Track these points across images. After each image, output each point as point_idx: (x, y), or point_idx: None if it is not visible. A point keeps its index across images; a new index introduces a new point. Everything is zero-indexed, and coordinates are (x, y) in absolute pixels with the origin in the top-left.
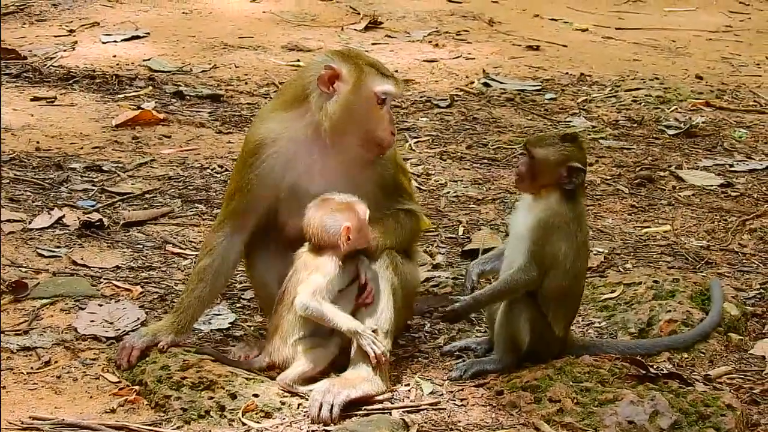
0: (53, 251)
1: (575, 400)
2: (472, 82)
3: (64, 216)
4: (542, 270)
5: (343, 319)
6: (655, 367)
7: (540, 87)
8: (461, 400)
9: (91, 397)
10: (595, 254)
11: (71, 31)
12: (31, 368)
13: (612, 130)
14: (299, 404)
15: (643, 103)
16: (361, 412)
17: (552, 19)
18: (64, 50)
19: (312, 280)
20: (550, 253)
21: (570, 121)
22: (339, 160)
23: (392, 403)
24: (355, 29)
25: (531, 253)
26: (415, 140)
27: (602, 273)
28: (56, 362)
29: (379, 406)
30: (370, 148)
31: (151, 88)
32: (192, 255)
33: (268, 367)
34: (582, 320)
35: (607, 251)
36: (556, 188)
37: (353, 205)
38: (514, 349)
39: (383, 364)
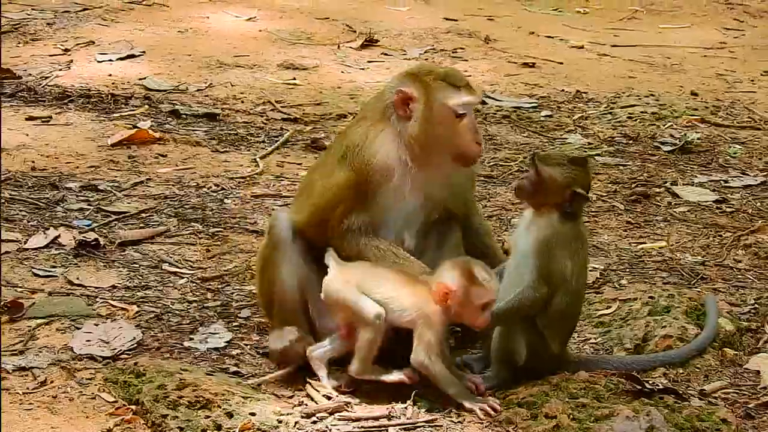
0: (49, 271)
1: (571, 416)
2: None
3: (59, 236)
4: (551, 288)
5: (452, 385)
6: (650, 382)
7: (536, 104)
8: (458, 416)
9: (87, 416)
10: (590, 270)
11: (66, 50)
12: (27, 388)
13: (607, 147)
14: (296, 422)
15: (638, 120)
16: (357, 429)
17: (548, 37)
18: (60, 69)
19: (424, 336)
20: (557, 270)
21: (566, 138)
22: (427, 175)
23: (389, 420)
24: (351, 47)
25: (538, 270)
26: None
27: (598, 289)
28: (52, 382)
29: (376, 423)
30: (459, 161)
31: (146, 107)
32: (188, 274)
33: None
34: (578, 336)
35: (602, 267)
36: (556, 208)
37: (476, 281)
38: (510, 366)
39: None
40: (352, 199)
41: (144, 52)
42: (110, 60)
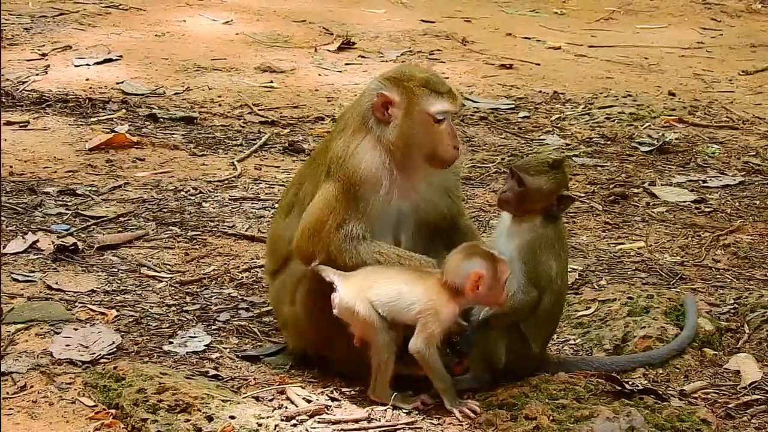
0: (28, 276)
1: (551, 418)
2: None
3: (38, 240)
4: (539, 290)
5: (441, 379)
6: (630, 383)
7: (513, 105)
8: (438, 419)
9: (67, 421)
10: (570, 271)
11: (43, 54)
12: (7, 393)
13: (585, 148)
14: (276, 425)
15: (616, 121)
16: None
17: (525, 38)
18: (37, 74)
19: (429, 326)
20: (544, 273)
21: (543, 139)
22: (411, 178)
23: (369, 423)
24: (328, 50)
25: (526, 274)
26: None
27: (577, 290)
28: (32, 387)
29: (356, 426)
30: (435, 164)
31: (124, 111)
32: (167, 278)
33: (329, 283)
34: (557, 337)
35: (581, 268)
36: (540, 212)
37: (497, 259)
38: (490, 368)
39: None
40: (345, 208)
41: (121, 56)
42: (87, 64)
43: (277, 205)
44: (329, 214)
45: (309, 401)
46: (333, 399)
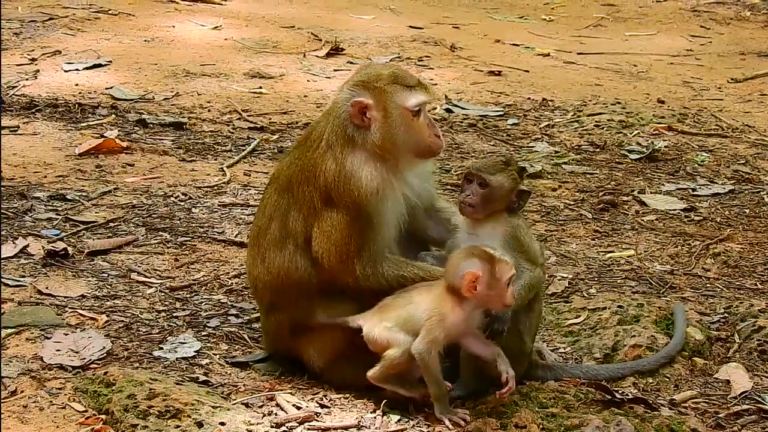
0: (18, 281)
1: (541, 426)
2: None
3: (28, 245)
4: (540, 266)
5: (437, 385)
6: (620, 392)
7: (502, 112)
8: (427, 426)
9: (57, 426)
10: (559, 279)
11: (33, 59)
12: None
13: (575, 155)
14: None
15: (605, 128)
16: None
17: (513, 44)
18: (27, 79)
19: (433, 330)
20: (534, 251)
21: (533, 147)
22: (403, 177)
23: (359, 430)
24: (317, 56)
25: (523, 255)
26: None
27: (567, 298)
28: (22, 392)
29: None
30: (421, 156)
31: (113, 116)
32: (157, 283)
33: (357, 328)
34: (547, 346)
35: (571, 276)
36: (503, 210)
37: (496, 259)
38: (481, 375)
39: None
40: (360, 232)
41: (110, 61)
42: (77, 69)
43: (253, 241)
44: (349, 242)
45: (299, 408)
46: (323, 406)
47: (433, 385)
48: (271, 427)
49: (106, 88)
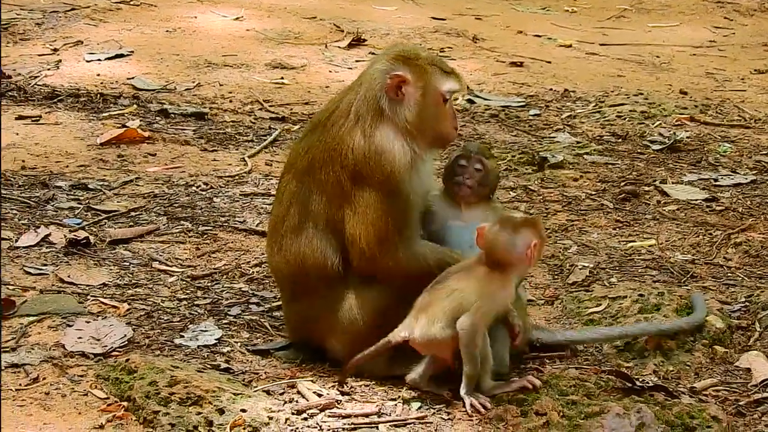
0: (40, 269)
1: (561, 413)
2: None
3: (50, 234)
4: None
5: (473, 364)
6: (640, 379)
7: (524, 103)
8: (448, 414)
9: (79, 413)
10: (580, 269)
11: (55, 49)
12: (20, 385)
13: (596, 146)
14: (287, 419)
15: (627, 119)
16: (348, 426)
17: (536, 36)
18: (49, 69)
19: (484, 308)
20: None
21: (554, 137)
22: (424, 159)
23: (379, 417)
24: (338, 46)
25: None
26: None
27: (588, 287)
28: (44, 379)
29: (367, 420)
30: (437, 144)
31: (135, 106)
32: (178, 272)
33: (402, 341)
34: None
35: (592, 266)
36: (488, 195)
37: (537, 222)
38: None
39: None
40: (397, 211)
41: (132, 51)
42: (99, 60)
43: (272, 231)
44: (387, 221)
45: (320, 395)
46: (343, 393)
47: (470, 363)
48: (292, 414)
49: (128, 79)
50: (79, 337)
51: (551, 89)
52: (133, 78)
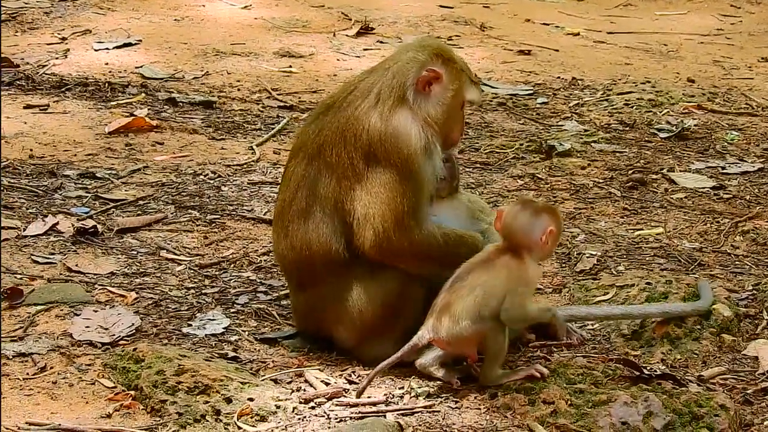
0: (48, 258)
1: (569, 402)
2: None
3: (58, 223)
4: None
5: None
6: (648, 368)
7: (532, 91)
8: (455, 402)
9: (87, 402)
10: (587, 257)
11: (63, 38)
12: (27, 374)
13: (604, 134)
14: (294, 408)
15: (635, 107)
16: (355, 415)
17: (543, 24)
18: (57, 58)
19: (521, 290)
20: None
21: (562, 125)
22: (438, 146)
23: (387, 406)
24: (346, 35)
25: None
26: None
27: (595, 275)
28: (52, 368)
29: (374, 408)
30: (443, 146)
31: (143, 95)
32: (186, 261)
33: (428, 343)
34: (575, 323)
35: (599, 254)
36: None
37: (556, 210)
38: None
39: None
40: (412, 191)
41: (140, 40)
42: (107, 48)
43: (278, 217)
44: (402, 202)
45: (327, 384)
46: (351, 382)
47: (500, 354)
48: (300, 402)
49: (136, 67)
50: (87, 326)
51: (559, 77)
52: (141, 67)
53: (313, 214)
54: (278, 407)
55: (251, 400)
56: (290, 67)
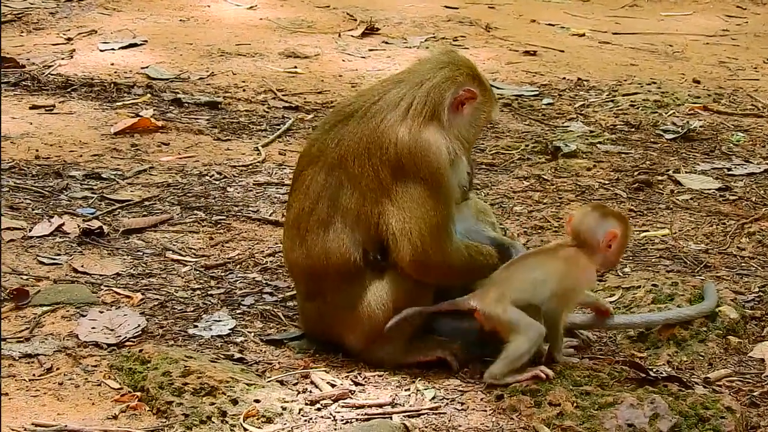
0: (54, 259)
1: (575, 404)
2: None
3: (64, 224)
4: None
5: (561, 339)
6: (654, 370)
7: (537, 92)
8: (461, 404)
9: (93, 403)
10: None
11: (69, 39)
12: (33, 375)
13: (610, 135)
14: (300, 409)
15: (640, 108)
16: (361, 416)
17: (549, 24)
18: (62, 58)
19: (570, 286)
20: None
21: (568, 126)
22: (462, 159)
23: (393, 408)
24: (352, 35)
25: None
26: None
27: (601, 277)
28: (58, 369)
29: (380, 410)
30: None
31: (149, 95)
32: (191, 262)
33: (468, 311)
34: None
35: None
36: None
37: (625, 219)
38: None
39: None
40: (443, 205)
41: (146, 41)
42: (112, 49)
43: (293, 224)
44: (435, 215)
45: (333, 385)
46: (357, 383)
47: (559, 340)
48: (306, 404)
49: (142, 68)
50: (93, 327)
51: (564, 78)
52: (146, 67)
53: (334, 225)
54: (284, 409)
55: (257, 401)
56: (295, 67)
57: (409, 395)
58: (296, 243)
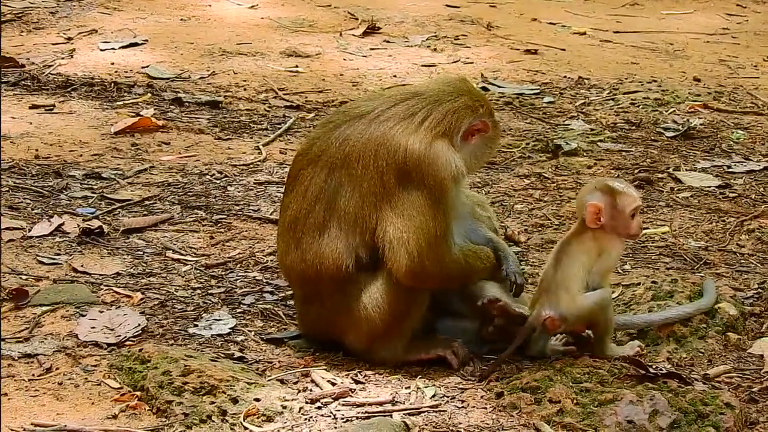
0: (53, 258)
1: (575, 401)
2: None
3: (63, 223)
4: None
5: (611, 326)
6: (654, 366)
7: (538, 90)
8: (462, 402)
9: (92, 403)
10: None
11: (69, 38)
12: (33, 375)
13: (610, 133)
14: (300, 408)
15: (641, 106)
16: (361, 415)
17: (550, 23)
18: (63, 58)
19: (608, 268)
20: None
21: (569, 125)
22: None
23: (393, 406)
24: (353, 35)
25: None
26: None
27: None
28: (57, 369)
29: (381, 408)
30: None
31: (149, 95)
32: (192, 261)
33: (543, 322)
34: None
35: None
36: None
37: (618, 191)
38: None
39: None
40: (444, 215)
41: (146, 40)
42: (113, 48)
43: (288, 226)
44: (435, 225)
45: (333, 384)
46: (357, 382)
47: (609, 327)
48: (306, 403)
49: (142, 67)
50: (93, 327)
51: (565, 77)
52: (147, 66)
53: (330, 229)
54: (284, 407)
55: (257, 400)
56: (297, 66)
57: (410, 393)
58: (291, 246)
